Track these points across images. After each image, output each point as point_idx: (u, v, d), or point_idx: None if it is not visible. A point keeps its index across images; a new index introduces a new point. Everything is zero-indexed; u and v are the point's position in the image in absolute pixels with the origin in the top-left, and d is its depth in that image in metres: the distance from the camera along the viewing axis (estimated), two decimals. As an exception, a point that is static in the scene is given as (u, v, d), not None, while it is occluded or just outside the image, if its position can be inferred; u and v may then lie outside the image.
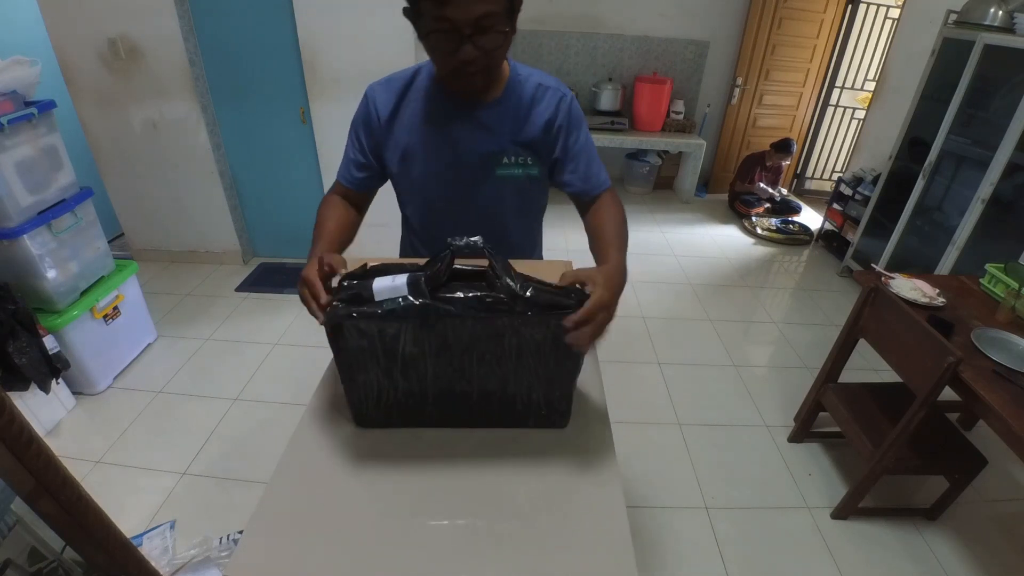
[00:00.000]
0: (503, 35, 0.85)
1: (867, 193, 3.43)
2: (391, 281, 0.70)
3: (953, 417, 2.15)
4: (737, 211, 4.38)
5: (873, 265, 2.19)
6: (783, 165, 4.34)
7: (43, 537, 0.68)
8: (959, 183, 2.76)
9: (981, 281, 1.89)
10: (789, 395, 2.35)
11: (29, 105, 1.89)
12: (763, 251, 3.89)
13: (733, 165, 4.74)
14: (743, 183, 4.34)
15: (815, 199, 4.80)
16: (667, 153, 4.71)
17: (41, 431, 1.91)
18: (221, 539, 1.61)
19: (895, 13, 4.10)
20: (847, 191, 3.66)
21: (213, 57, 2.76)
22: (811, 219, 4.33)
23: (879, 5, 4.23)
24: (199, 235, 3.19)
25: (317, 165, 2.98)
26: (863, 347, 1.86)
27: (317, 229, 0.98)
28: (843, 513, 1.80)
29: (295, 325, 2.68)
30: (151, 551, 1.57)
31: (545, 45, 4.38)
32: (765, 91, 4.52)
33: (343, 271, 0.78)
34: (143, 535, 1.62)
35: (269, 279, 3.09)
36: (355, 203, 1.11)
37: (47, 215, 1.95)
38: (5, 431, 0.60)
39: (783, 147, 4.19)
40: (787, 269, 3.71)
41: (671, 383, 2.43)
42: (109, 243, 2.34)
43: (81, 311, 2.09)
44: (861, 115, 4.48)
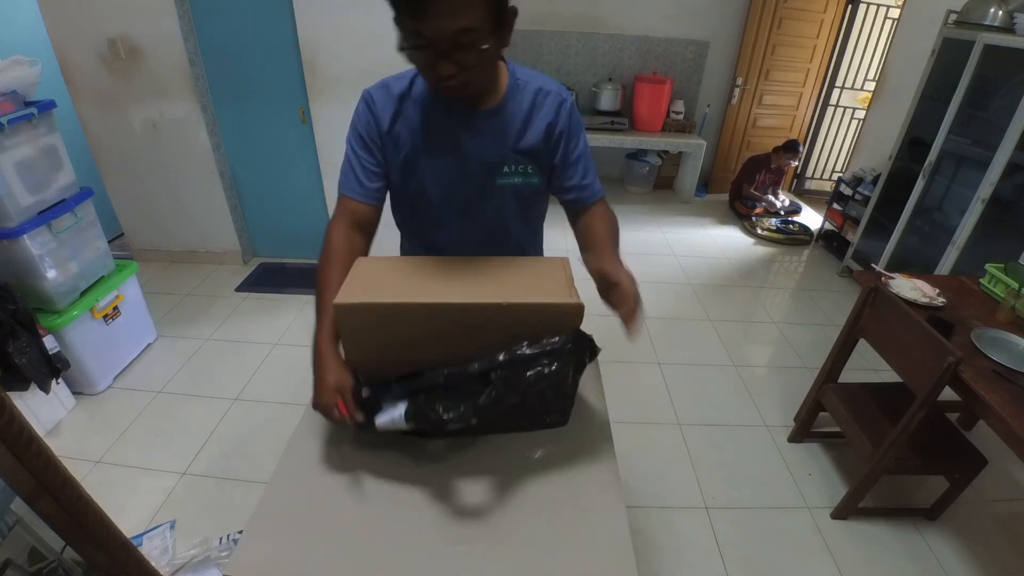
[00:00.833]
0: (481, 52, 0.82)
1: (867, 193, 3.43)
2: (391, 415, 0.79)
3: (953, 417, 2.15)
4: (737, 211, 4.38)
5: (873, 265, 2.19)
6: (789, 166, 4.33)
7: (43, 537, 0.68)
8: (959, 183, 2.76)
9: (981, 281, 1.89)
10: (789, 395, 2.35)
11: (29, 105, 1.89)
12: (763, 251, 3.89)
13: (733, 165, 4.74)
14: (750, 187, 4.31)
15: (815, 199, 4.80)
16: (667, 153, 4.71)
17: (41, 431, 1.91)
18: (221, 539, 1.61)
19: (895, 13, 4.10)
20: (847, 191, 3.66)
21: (213, 57, 2.76)
22: (811, 219, 4.33)
23: (879, 5, 4.23)
24: (199, 235, 3.19)
25: (317, 165, 2.98)
26: (863, 347, 1.86)
27: (320, 299, 0.88)
28: (843, 513, 1.80)
29: (295, 325, 2.68)
30: (151, 551, 1.57)
31: (545, 45, 4.38)
32: (765, 91, 4.52)
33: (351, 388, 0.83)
34: (143, 535, 1.62)
35: (269, 279, 3.09)
36: (366, 222, 1.01)
37: (47, 215, 1.95)
38: (5, 431, 0.60)
39: (790, 148, 4.18)
40: (787, 269, 3.71)
41: (671, 383, 2.43)
42: (109, 243, 2.33)
43: (81, 311, 2.09)
44: (861, 115, 4.48)
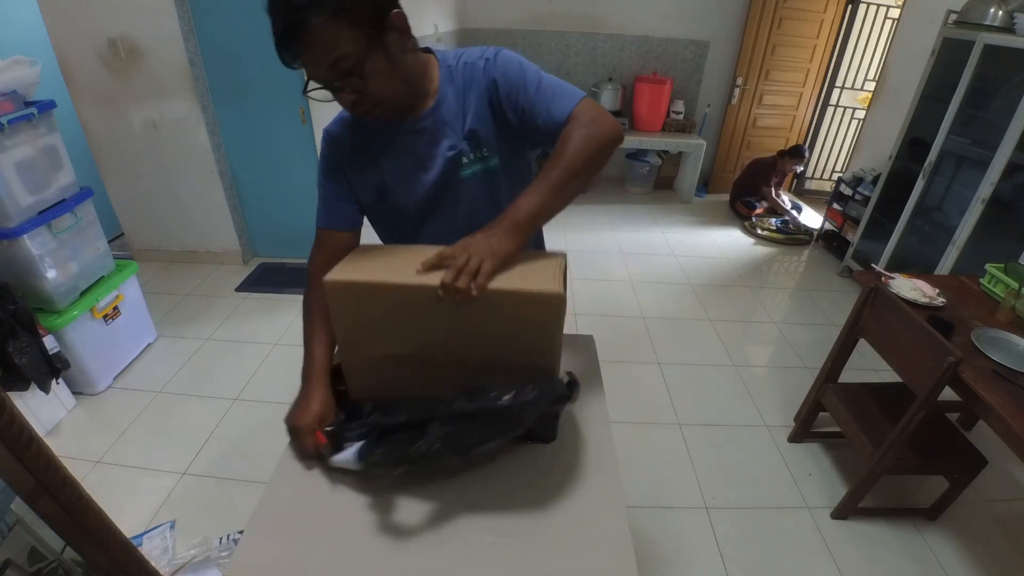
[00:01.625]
0: (372, 72, 0.81)
1: (867, 193, 3.43)
2: (345, 456, 0.81)
3: (953, 417, 2.15)
4: (737, 211, 4.37)
5: (873, 265, 2.19)
6: (793, 171, 4.32)
7: (43, 537, 0.68)
8: (959, 183, 2.76)
9: (981, 281, 1.89)
10: (789, 395, 2.35)
11: (29, 105, 1.90)
12: (763, 251, 3.89)
13: (733, 165, 4.74)
14: (768, 188, 4.22)
15: (815, 199, 4.80)
16: (667, 153, 4.71)
17: (41, 431, 1.91)
18: (221, 539, 1.61)
19: (895, 13, 4.10)
20: (847, 191, 3.66)
21: (213, 57, 2.76)
22: (811, 219, 4.33)
23: (879, 5, 4.23)
24: (199, 235, 3.19)
25: (317, 165, 2.97)
26: (863, 347, 1.86)
27: (307, 342, 1.01)
28: (843, 513, 1.80)
29: (295, 325, 2.68)
30: (151, 551, 1.57)
31: (545, 45, 4.38)
32: (765, 91, 4.52)
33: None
34: (143, 535, 1.62)
35: (269, 279, 3.09)
36: (342, 249, 0.99)
37: (47, 215, 1.95)
38: (5, 431, 0.60)
39: (796, 153, 4.18)
40: (787, 269, 3.71)
41: (671, 383, 2.43)
42: (109, 243, 2.34)
43: (81, 311, 2.09)
44: (861, 115, 4.48)
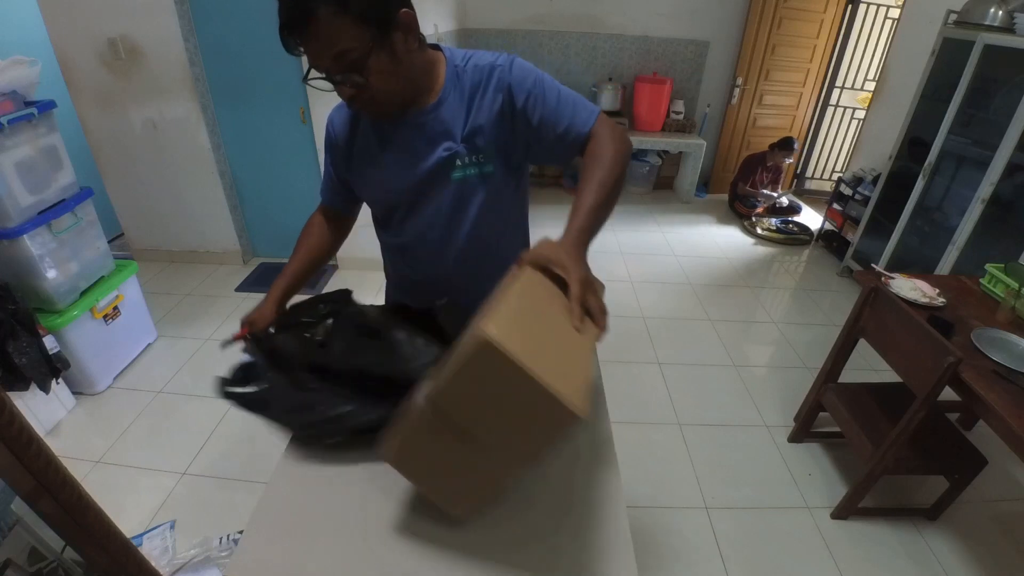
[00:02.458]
0: (374, 68, 0.80)
1: (867, 193, 3.43)
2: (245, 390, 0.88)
3: (953, 417, 2.15)
4: (737, 211, 4.38)
5: (873, 265, 2.19)
6: (784, 164, 4.34)
7: (43, 537, 0.68)
8: (959, 183, 2.75)
9: (981, 281, 1.89)
10: (789, 395, 2.35)
11: (29, 105, 1.89)
12: (763, 251, 3.88)
13: (733, 165, 4.73)
14: (745, 185, 4.34)
15: (815, 199, 4.80)
16: (667, 153, 4.71)
17: (41, 431, 1.91)
18: (221, 539, 1.61)
19: (895, 13, 4.10)
20: (847, 191, 3.65)
21: (213, 57, 2.76)
22: (811, 219, 4.33)
23: (879, 5, 4.23)
24: (199, 235, 3.19)
25: (317, 165, 2.98)
26: (863, 347, 1.86)
27: (291, 257, 1.11)
28: (843, 513, 1.80)
29: (295, 325, 2.68)
30: (151, 551, 1.57)
31: (545, 45, 4.38)
32: (765, 91, 4.52)
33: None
34: (143, 535, 1.62)
35: (269, 279, 3.05)
36: (339, 219, 1.16)
37: (47, 215, 1.95)
38: (5, 431, 0.60)
39: (784, 145, 4.19)
40: (787, 269, 3.71)
41: (671, 383, 2.43)
42: (109, 243, 2.34)
43: (81, 311, 2.09)
44: (861, 115, 4.48)
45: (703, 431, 2.17)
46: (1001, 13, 2.54)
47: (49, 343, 1.94)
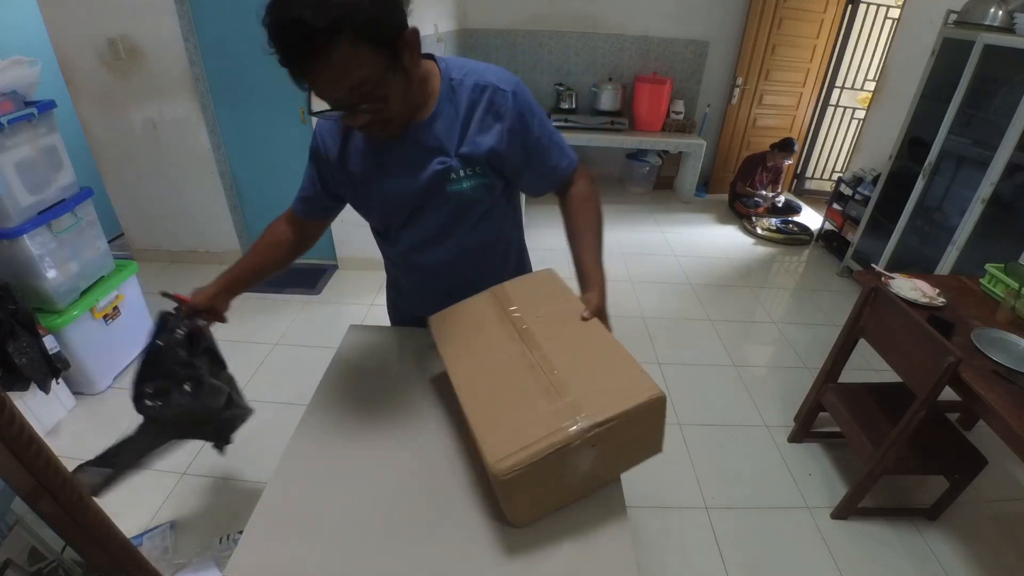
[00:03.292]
0: (389, 93, 0.81)
1: (867, 193, 3.43)
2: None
3: (953, 417, 2.15)
4: (737, 211, 4.38)
5: (873, 265, 2.19)
6: (784, 165, 4.34)
7: (43, 537, 0.68)
8: (959, 183, 2.75)
9: (981, 281, 1.89)
10: (789, 395, 2.35)
11: (29, 105, 1.89)
12: (763, 251, 3.89)
13: (733, 165, 4.74)
14: (745, 185, 4.34)
15: (815, 199, 4.80)
16: (667, 153, 4.71)
17: (41, 431, 1.91)
18: (221, 539, 1.61)
19: (895, 13, 4.10)
20: (847, 191, 3.66)
21: (213, 57, 2.76)
22: (811, 219, 4.33)
23: (879, 5, 4.23)
24: (199, 235, 3.19)
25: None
26: (863, 347, 1.86)
27: (248, 252, 1.16)
28: (843, 513, 1.80)
29: (295, 325, 2.68)
30: (151, 551, 1.57)
31: (545, 45, 4.38)
32: (765, 91, 4.52)
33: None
34: (143, 535, 1.62)
35: (269, 279, 3.09)
36: (303, 231, 1.16)
37: (47, 215, 1.95)
38: (5, 431, 0.60)
39: (785, 146, 4.19)
40: (787, 269, 3.71)
41: (671, 383, 2.43)
42: (109, 243, 2.33)
43: (81, 311, 2.09)
44: (861, 115, 4.48)
45: (703, 431, 2.17)
46: (1001, 13, 2.55)
47: (49, 343, 1.94)
